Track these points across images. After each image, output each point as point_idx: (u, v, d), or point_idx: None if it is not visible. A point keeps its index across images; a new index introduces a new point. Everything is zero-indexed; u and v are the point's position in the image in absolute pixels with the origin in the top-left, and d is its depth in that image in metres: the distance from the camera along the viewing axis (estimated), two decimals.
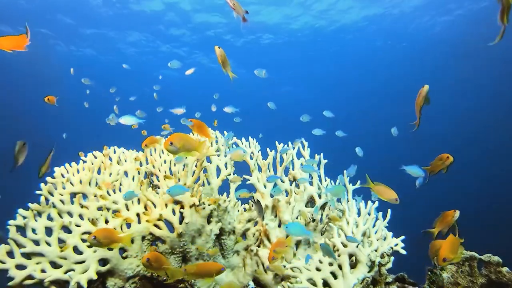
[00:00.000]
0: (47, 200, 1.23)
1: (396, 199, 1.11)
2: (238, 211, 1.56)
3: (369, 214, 1.35)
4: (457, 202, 1.27)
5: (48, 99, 1.55)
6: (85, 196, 1.32)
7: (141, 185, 1.42)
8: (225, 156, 1.61)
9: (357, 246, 1.25)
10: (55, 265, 1.17)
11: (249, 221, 1.53)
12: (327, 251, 1.16)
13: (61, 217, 1.23)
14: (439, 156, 1.20)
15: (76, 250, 1.20)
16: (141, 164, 1.49)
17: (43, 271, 1.13)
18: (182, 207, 1.38)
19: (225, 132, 1.71)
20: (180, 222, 1.37)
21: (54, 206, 1.23)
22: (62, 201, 1.25)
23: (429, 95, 1.22)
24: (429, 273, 1.30)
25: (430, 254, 1.13)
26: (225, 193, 1.55)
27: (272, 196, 1.46)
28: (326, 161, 1.62)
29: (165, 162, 1.48)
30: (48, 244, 1.17)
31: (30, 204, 1.18)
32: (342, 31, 8.01)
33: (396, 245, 1.35)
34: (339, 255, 1.25)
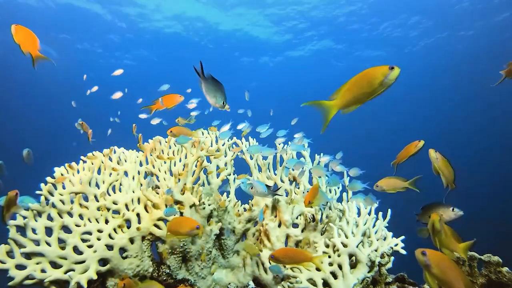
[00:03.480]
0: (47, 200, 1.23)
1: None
2: (238, 211, 1.56)
3: (369, 214, 1.35)
4: (456, 202, 1.26)
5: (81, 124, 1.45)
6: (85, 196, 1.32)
7: (141, 185, 1.42)
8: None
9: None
10: (55, 265, 1.17)
11: (249, 221, 1.53)
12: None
13: (61, 217, 1.23)
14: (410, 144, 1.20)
15: (76, 250, 1.20)
16: (141, 164, 1.49)
17: (43, 271, 1.13)
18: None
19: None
20: None
21: (54, 206, 1.23)
22: (62, 201, 1.25)
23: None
24: None
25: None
26: (225, 193, 1.55)
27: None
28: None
29: (165, 162, 1.48)
30: (48, 244, 1.17)
31: (30, 204, 1.18)
32: None
33: (396, 245, 1.35)
34: (339, 255, 1.25)
